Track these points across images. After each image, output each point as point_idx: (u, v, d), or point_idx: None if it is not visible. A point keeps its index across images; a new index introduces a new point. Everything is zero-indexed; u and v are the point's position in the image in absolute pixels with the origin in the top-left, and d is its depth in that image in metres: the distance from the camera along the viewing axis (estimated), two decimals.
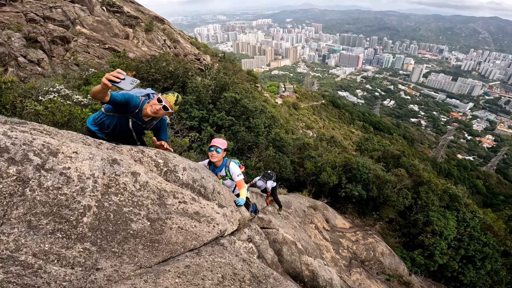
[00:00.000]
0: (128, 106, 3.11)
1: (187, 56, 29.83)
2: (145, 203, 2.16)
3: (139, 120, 3.33)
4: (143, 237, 1.98)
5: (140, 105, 3.23)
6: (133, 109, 3.17)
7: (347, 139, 64.91)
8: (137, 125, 3.38)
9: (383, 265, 13.06)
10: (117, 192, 2.06)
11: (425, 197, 18.89)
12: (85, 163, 2.02)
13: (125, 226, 1.94)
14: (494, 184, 68.84)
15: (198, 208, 2.61)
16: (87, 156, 2.07)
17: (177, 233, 2.19)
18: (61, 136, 2.34)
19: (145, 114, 3.27)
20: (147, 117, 3.32)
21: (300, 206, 12.41)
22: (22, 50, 14.49)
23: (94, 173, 2.02)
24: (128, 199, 2.08)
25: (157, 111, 3.15)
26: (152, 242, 2.00)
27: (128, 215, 2.00)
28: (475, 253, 17.75)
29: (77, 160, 2.00)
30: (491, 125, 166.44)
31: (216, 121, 17.12)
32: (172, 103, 3.16)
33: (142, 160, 2.80)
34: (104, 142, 2.75)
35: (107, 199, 1.96)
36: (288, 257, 4.59)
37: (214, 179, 3.88)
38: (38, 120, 6.10)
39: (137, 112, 3.24)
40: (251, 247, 3.63)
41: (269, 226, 4.89)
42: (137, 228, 1.98)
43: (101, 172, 2.07)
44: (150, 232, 2.03)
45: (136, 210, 2.06)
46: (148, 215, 2.10)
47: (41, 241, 1.58)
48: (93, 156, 2.11)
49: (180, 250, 2.14)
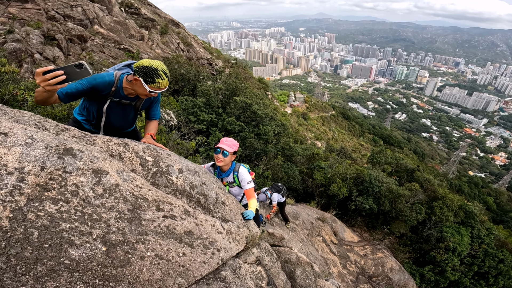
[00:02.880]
0: (97, 90, 2.51)
1: (199, 60, 29.93)
2: (104, 216, 1.41)
3: (124, 98, 2.71)
4: (88, 270, 1.22)
5: (117, 81, 2.58)
6: (106, 89, 2.56)
7: (356, 151, 63.83)
8: (123, 106, 2.78)
9: (391, 281, 12.65)
10: (59, 198, 1.32)
11: (440, 212, 18.37)
12: (14, 150, 1.32)
13: (57, 252, 1.19)
14: (505, 202, 67.28)
15: (192, 226, 1.84)
16: (22, 141, 1.38)
17: (152, 266, 1.42)
18: (2, 113, 1.64)
19: (129, 92, 2.65)
20: (132, 94, 2.70)
21: (308, 218, 11.99)
22: (39, 47, 14.54)
23: (24, 167, 1.31)
24: (75, 210, 1.34)
25: (148, 94, 2.54)
26: (104, 280, 1.24)
27: (68, 234, 1.25)
28: (490, 269, 17.58)
29: (2, 145, 1.31)
30: (504, 142, 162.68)
31: (225, 126, 16.74)
32: (167, 84, 2.51)
33: (123, 156, 2.08)
34: (72, 129, 2.05)
35: (35, 208, 1.22)
36: (302, 281, 3.81)
37: (218, 185, 3.15)
38: (35, 113, 5.60)
39: (114, 90, 2.58)
40: (260, 272, 2.87)
41: (280, 243, 4.13)
42: (80, 255, 1.24)
43: (38, 166, 1.35)
44: (103, 264, 1.27)
45: (84, 228, 1.30)
46: (105, 236, 1.34)
47: None
48: (33, 142, 1.41)
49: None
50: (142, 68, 2.40)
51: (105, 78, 2.57)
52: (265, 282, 2.92)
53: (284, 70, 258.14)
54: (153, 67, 2.41)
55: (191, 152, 12.44)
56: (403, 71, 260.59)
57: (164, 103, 15.12)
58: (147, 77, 2.41)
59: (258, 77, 53.23)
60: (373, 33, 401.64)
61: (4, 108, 1.71)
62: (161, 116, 12.29)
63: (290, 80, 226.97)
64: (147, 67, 2.40)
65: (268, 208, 9.48)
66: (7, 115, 1.65)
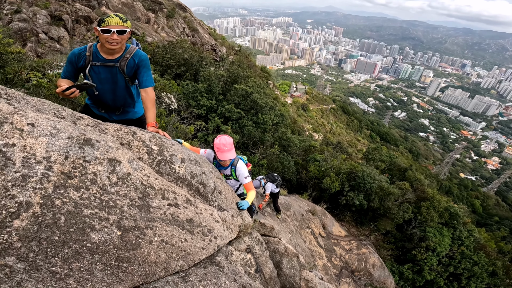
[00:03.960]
0: (75, 62, 2.79)
1: (203, 46, 29.77)
2: (119, 204, 1.58)
3: (105, 61, 2.83)
4: (106, 252, 1.40)
5: (90, 47, 2.79)
6: (81, 57, 2.78)
7: (352, 146, 64.22)
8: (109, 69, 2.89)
9: (372, 277, 13.05)
10: (81, 185, 1.48)
11: (426, 212, 18.74)
12: (41, 140, 1.46)
13: (81, 235, 1.36)
14: (492, 206, 68.73)
15: (192, 214, 2.02)
16: (47, 132, 1.51)
17: (159, 249, 1.61)
18: (25, 103, 1.78)
19: (105, 52, 2.79)
20: (111, 55, 2.83)
21: (299, 210, 12.14)
22: (45, 27, 14.57)
23: (51, 156, 1.46)
24: (94, 197, 1.50)
25: (113, 40, 2.64)
26: (119, 261, 1.42)
27: (89, 220, 1.42)
28: (464, 271, 18.05)
29: (31, 135, 1.45)
30: (499, 147, 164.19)
31: (224, 113, 16.79)
32: (119, 22, 2.61)
33: (131, 144, 2.23)
34: (86, 117, 2.19)
35: (61, 195, 1.39)
36: (287, 270, 4.05)
37: (216, 175, 3.32)
38: (39, 93, 5.67)
39: (90, 55, 2.78)
40: (249, 259, 3.08)
41: (271, 233, 4.35)
42: (100, 239, 1.41)
43: (63, 156, 1.50)
44: (118, 247, 1.45)
45: (103, 214, 1.47)
46: (120, 222, 1.52)
47: None
48: (57, 132, 1.54)
49: (160, 274, 1.55)
50: (100, 19, 2.62)
51: (74, 50, 2.78)
52: (254, 269, 3.14)
53: (287, 61, 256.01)
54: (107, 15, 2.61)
55: (189, 136, 12.56)
56: (408, 69, 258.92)
57: (165, 86, 15.11)
58: (99, 22, 2.59)
59: (261, 66, 52.85)
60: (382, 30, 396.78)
61: (25, 97, 1.85)
62: (162, 100, 12.31)
63: (293, 70, 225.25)
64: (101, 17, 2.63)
65: (261, 197, 9.66)
66: (29, 104, 1.79)
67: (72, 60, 2.75)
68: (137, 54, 2.96)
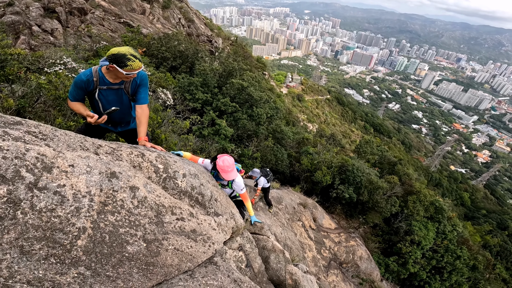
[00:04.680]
0: (83, 88, 3.10)
1: (199, 37, 29.68)
2: (142, 222, 2.10)
3: (112, 84, 3.21)
4: (138, 260, 1.92)
5: (95, 72, 3.13)
6: (88, 83, 3.10)
7: (346, 137, 65.06)
8: (115, 91, 3.28)
9: (359, 268, 13.50)
10: (114, 210, 1.99)
11: (412, 206, 19.19)
12: (81, 178, 1.94)
13: (121, 248, 1.88)
14: (480, 199, 70.10)
15: (195, 226, 2.56)
16: (84, 170, 1.99)
17: (173, 255, 2.15)
18: (57, 141, 2.24)
19: (112, 77, 3.17)
20: (118, 79, 3.20)
21: (290, 203, 12.45)
22: (38, 19, 14.51)
23: (91, 190, 1.95)
24: (125, 219, 2.02)
25: (133, 77, 3.09)
26: (147, 265, 1.95)
27: (124, 236, 1.94)
28: (446, 265, 18.46)
29: (73, 175, 1.92)
30: (490, 141, 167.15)
31: (220, 106, 16.99)
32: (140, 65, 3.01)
33: (142, 166, 2.72)
34: (103, 145, 2.66)
35: (103, 219, 1.90)
36: (274, 265, 4.64)
37: (212, 183, 3.83)
38: (40, 93, 5.98)
39: (97, 80, 3.13)
40: (241, 256, 3.64)
41: (260, 232, 4.92)
42: (133, 250, 1.93)
43: (98, 189, 1.99)
44: (145, 255, 1.98)
45: (132, 231, 2.00)
46: (144, 236, 2.05)
47: (34, 267, 1.53)
48: (91, 170, 2.03)
49: (175, 273, 2.09)
50: (112, 56, 2.87)
51: (80, 75, 3.08)
52: (244, 264, 3.70)
53: (284, 51, 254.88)
54: (121, 53, 2.87)
55: (185, 131, 12.87)
56: (404, 62, 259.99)
57: (160, 79, 15.33)
58: (119, 62, 2.87)
59: (257, 57, 52.76)
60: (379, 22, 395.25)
61: (55, 133, 2.33)
62: (157, 96, 12.59)
63: (289, 61, 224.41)
64: (115, 54, 2.86)
65: (253, 191, 10.09)
66: (60, 141, 2.28)
67: (82, 86, 3.07)
68: (138, 74, 3.34)
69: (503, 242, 39.40)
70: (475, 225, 42.22)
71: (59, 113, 6.29)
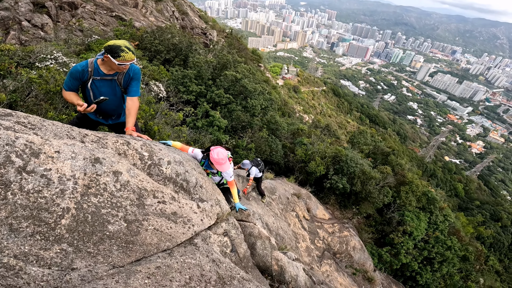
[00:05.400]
0: (78, 78, 3.24)
1: (193, 30, 29.43)
2: (123, 204, 2.26)
3: (106, 75, 3.34)
4: (118, 238, 2.09)
5: (91, 63, 3.27)
6: (84, 73, 3.24)
7: (342, 128, 65.31)
8: (108, 82, 3.41)
9: (352, 259, 13.56)
10: (97, 193, 2.15)
11: (405, 197, 19.31)
12: (66, 163, 2.09)
13: (102, 227, 2.04)
14: (474, 190, 70.65)
15: (176, 208, 2.71)
16: (69, 156, 2.14)
17: (152, 235, 2.31)
18: (45, 130, 2.39)
19: (107, 69, 3.31)
20: (112, 71, 3.34)
21: (284, 193, 12.48)
22: (28, 14, 14.33)
23: (75, 174, 2.10)
24: (107, 200, 2.17)
25: (126, 68, 3.25)
26: (127, 243, 2.12)
27: (106, 216, 2.10)
28: (436, 255, 18.55)
29: (59, 160, 2.07)
30: (484, 132, 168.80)
31: (214, 98, 17.02)
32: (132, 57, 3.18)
33: (127, 153, 2.87)
34: (89, 134, 2.79)
35: (86, 201, 2.05)
36: (260, 251, 4.82)
37: (198, 171, 3.98)
38: (31, 88, 6.08)
39: (92, 71, 3.26)
40: (226, 241, 3.81)
41: (247, 219, 5.09)
42: (114, 229, 2.09)
43: (82, 173, 2.15)
44: (126, 234, 2.14)
45: (114, 212, 2.16)
46: (125, 217, 2.20)
47: (21, 243, 1.70)
48: (75, 156, 2.18)
49: (154, 251, 2.26)
50: (108, 47, 3.06)
51: (77, 66, 3.23)
52: (229, 249, 3.87)
53: (279, 43, 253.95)
54: (116, 45, 3.05)
55: (178, 123, 12.94)
56: (399, 54, 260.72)
57: (154, 72, 15.34)
58: (113, 53, 3.05)
59: (252, 49, 52.47)
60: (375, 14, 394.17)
61: (43, 123, 2.48)
62: (150, 88, 12.62)
63: (284, 53, 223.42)
64: (111, 45, 3.05)
65: (246, 181, 10.20)
66: (48, 130, 2.43)
67: (77, 76, 3.23)
68: (131, 68, 3.49)
69: (496, 234, 39.96)
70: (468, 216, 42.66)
71: (50, 107, 6.39)
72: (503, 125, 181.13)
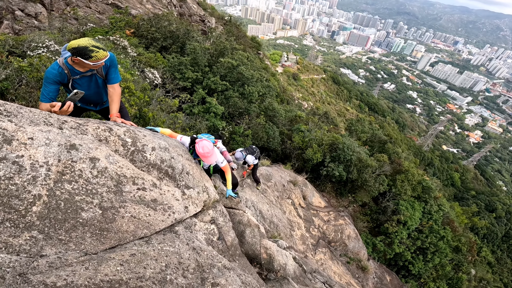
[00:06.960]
0: (58, 81, 3.09)
1: (192, 17, 28.78)
2: (99, 191, 2.23)
3: (81, 73, 3.23)
4: (92, 225, 2.08)
5: (63, 65, 3.11)
6: (62, 75, 3.09)
7: (341, 115, 65.12)
8: (89, 77, 3.33)
9: (347, 247, 13.66)
10: (71, 179, 2.12)
11: (400, 185, 19.31)
12: (40, 150, 2.07)
13: (75, 214, 2.03)
14: (470, 179, 71.06)
15: (156, 195, 2.69)
16: (43, 142, 2.11)
17: (129, 222, 2.29)
18: (21, 117, 2.35)
19: (81, 67, 3.17)
20: (85, 68, 3.21)
21: (280, 180, 12.48)
22: (21, 4, 14.07)
23: (48, 161, 2.07)
24: (82, 187, 2.15)
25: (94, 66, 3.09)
26: (101, 231, 2.10)
27: (80, 203, 2.08)
28: (430, 245, 18.69)
29: (32, 147, 2.05)
30: (483, 122, 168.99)
31: (210, 85, 16.87)
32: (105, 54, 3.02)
33: (108, 140, 2.83)
34: (69, 120, 2.74)
35: (59, 188, 2.03)
36: (249, 239, 4.83)
37: (186, 157, 3.94)
38: (21, 76, 6.06)
39: (68, 72, 3.12)
40: (213, 229, 3.81)
41: (236, 207, 5.08)
42: (87, 216, 2.08)
43: (56, 159, 2.12)
44: (100, 221, 2.13)
45: (88, 199, 2.14)
46: (101, 204, 2.19)
47: None
48: (50, 142, 2.15)
49: (130, 238, 2.24)
50: (73, 50, 2.84)
51: (50, 70, 3.05)
52: (216, 237, 3.88)
53: (279, 31, 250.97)
54: (81, 46, 2.84)
55: (174, 109, 12.85)
56: (400, 43, 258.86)
57: (150, 59, 15.17)
58: (83, 55, 2.87)
59: (251, 36, 51.57)
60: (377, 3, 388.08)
61: (20, 110, 2.43)
62: (145, 76, 12.49)
63: (284, 41, 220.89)
64: (76, 47, 2.83)
65: (242, 168, 10.18)
66: (24, 117, 2.38)
67: (57, 80, 3.07)
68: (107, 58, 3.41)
69: (490, 225, 40.24)
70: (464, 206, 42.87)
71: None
72: (502, 115, 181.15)
